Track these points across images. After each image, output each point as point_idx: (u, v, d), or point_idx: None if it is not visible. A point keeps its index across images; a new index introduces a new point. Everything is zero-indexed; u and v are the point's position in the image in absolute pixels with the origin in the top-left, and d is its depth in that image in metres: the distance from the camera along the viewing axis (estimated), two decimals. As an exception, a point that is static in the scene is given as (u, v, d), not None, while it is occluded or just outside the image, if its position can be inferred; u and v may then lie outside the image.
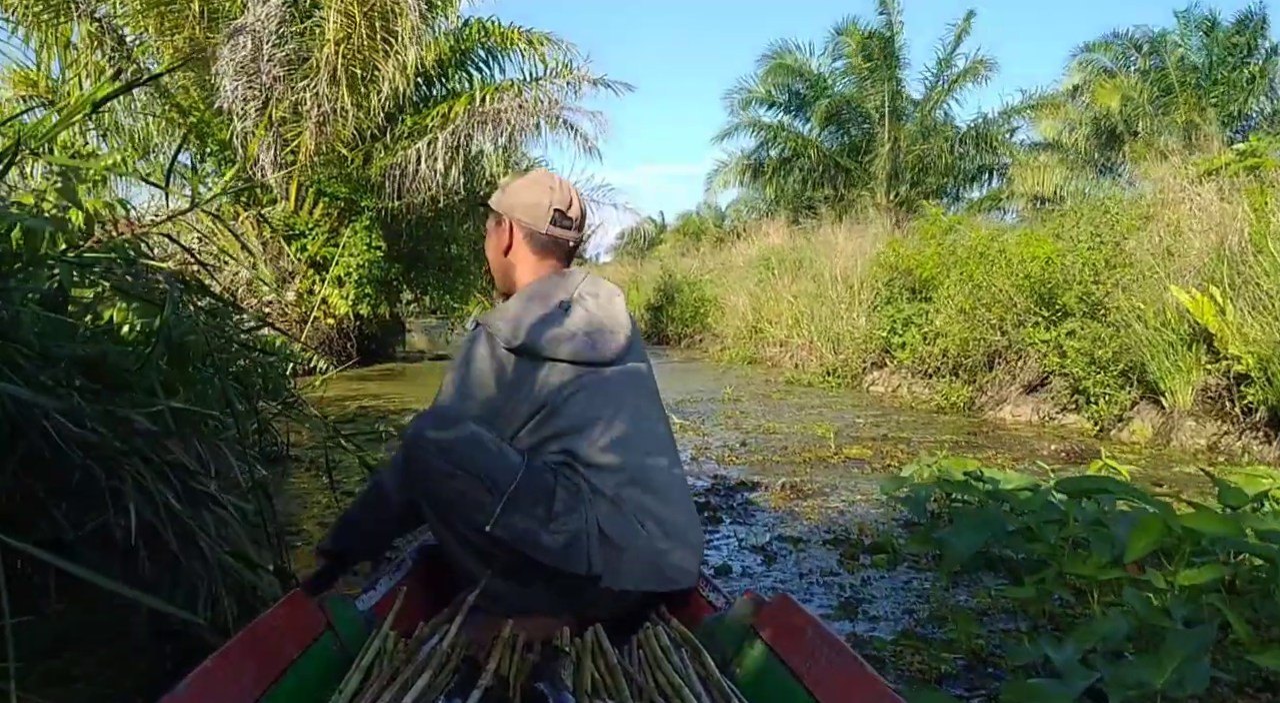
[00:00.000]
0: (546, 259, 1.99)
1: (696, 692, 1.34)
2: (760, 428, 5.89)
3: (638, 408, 1.88)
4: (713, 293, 14.33)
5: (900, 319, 7.90)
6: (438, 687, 1.34)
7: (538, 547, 1.70)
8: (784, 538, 3.10)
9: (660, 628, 1.60)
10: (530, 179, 2.06)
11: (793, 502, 3.67)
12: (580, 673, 1.41)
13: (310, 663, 1.45)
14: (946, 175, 22.71)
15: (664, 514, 1.80)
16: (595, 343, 1.85)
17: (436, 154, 10.72)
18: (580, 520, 1.73)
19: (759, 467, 4.55)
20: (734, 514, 3.47)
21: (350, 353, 11.55)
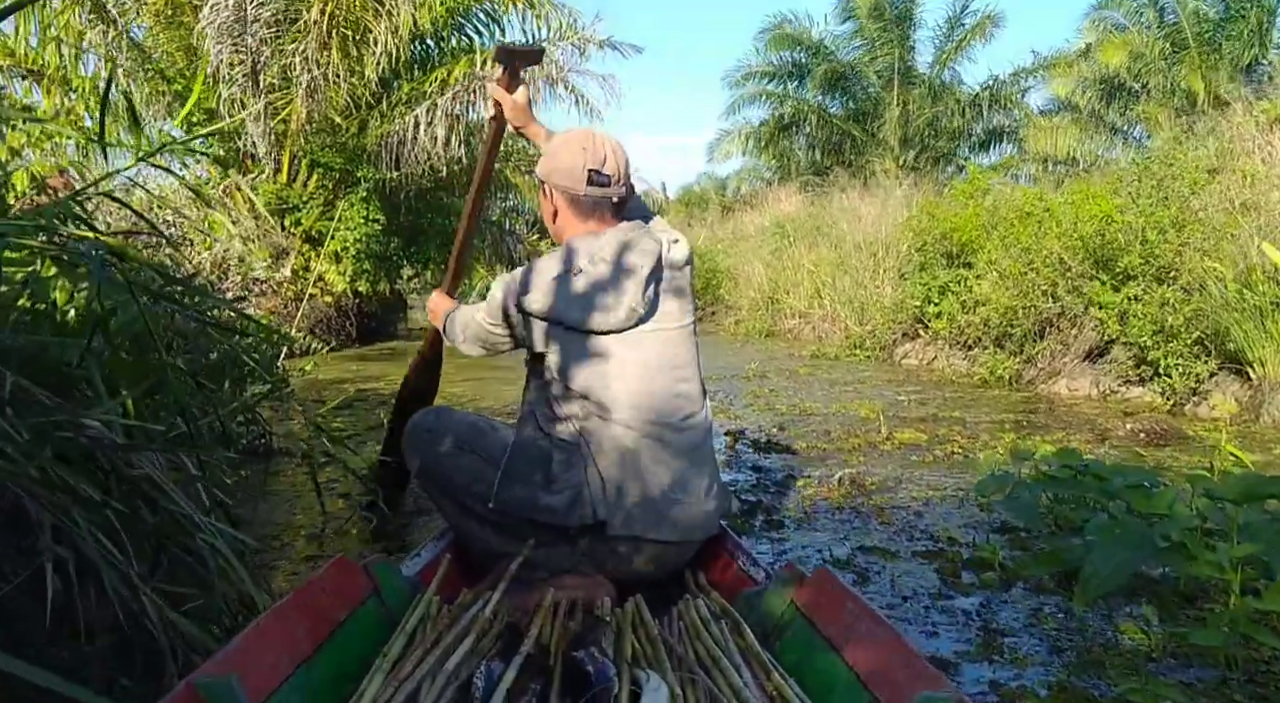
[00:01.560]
0: (590, 219, 2.00)
1: (736, 663, 1.34)
2: (795, 408, 5.39)
3: (653, 369, 1.90)
4: (725, 264, 13.77)
5: (936, 287, 7.37)
6: (480, 652, 1.35)
7: (541, 509, 1.80)
8: (867, 549, 2.60)
9: (700, 600, 1.62)
10: (562, 141, 2.05)
11: (857, 499, 3.17)
12: (620, 642, 1.41)
13: (357, 625, 1.48)
14: (956, 139, 22.19)
15: (678, 466, 1.86)
16: (595, 313, 1.87)
17: (435, 121, 10.13)
18: (579, 475, 1.81)
19: (805, 455, 4.05)
20: (795, 518, 2.97)
21: (349, 332, 11.04)
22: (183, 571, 1.84)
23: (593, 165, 1.96)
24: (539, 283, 1.91)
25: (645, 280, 1.90)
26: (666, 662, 1.35)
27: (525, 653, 1.31)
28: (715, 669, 1.34)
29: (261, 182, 10.31)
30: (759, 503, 3.15)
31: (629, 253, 1.91)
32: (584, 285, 1.89)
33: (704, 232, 18.11)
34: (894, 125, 21.18)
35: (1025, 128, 21.19)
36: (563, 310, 1.89)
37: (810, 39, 21.77)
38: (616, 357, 1.88)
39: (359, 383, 7.23)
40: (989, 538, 2.68)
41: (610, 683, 1.26)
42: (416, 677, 1.24)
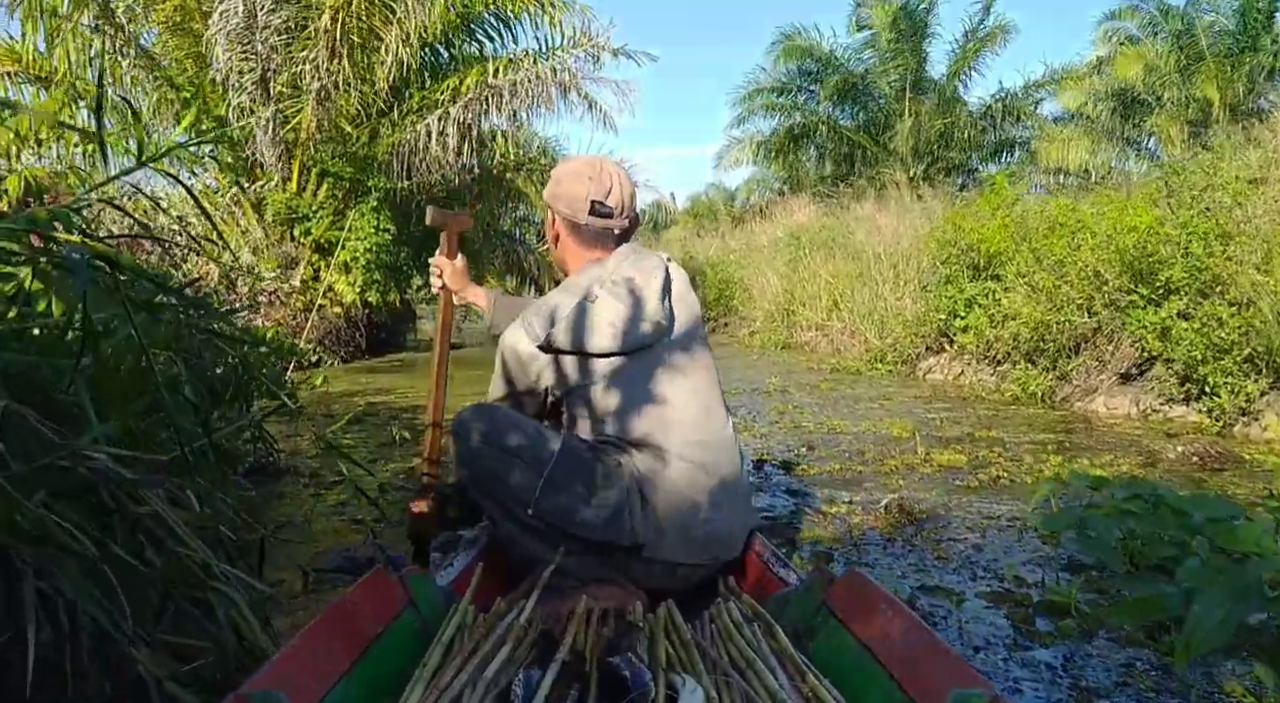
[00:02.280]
0: (592, 249, 2.01)
1: (770, 666, 1.34)
2: (823, 426, 5.18)
3: (681, 385, 1.89)
4: (738, 275, 13.57)
5: (962, 300, 7.15)
6: (516, 660, 1.36)
7: (580, 523, 1.78)
8: (929, 590, 2.39)
9: (732, 603, 1.61)
10: (569, 168, 2.04)
11: (907, 530, 2.96)
12: (654, 647, 1.42)
13: (394, 637, 1.49)
14: (968, 150, 22.02)
15: (711, 487, 1.85)
16: (621, 333, 1.86)
17: (447, 130, 9.96)
18: (622, 494, 1.79)
19: (840, 478, 3.84)
20: (844, 550, 2.76)
21: (359, 344, 10.87)
22: (189, 621, 1.65)
23: (596, 196, 1.97)
24: (558, 317, 1.89)
25: (660, 293, 1.93)
26: (701, 665, 1.36)
27: (561, 660, 1.32)
28: (750, 672, 1.33)
29: (270, 191, 10.13)
30: (801, 532, 2.94)
31: (637, 271, 1.94)
32: (604, 310, 1.88)
33: (715, 242, 17.93)
34: (905, 136, 21.02)
35: (1038, 139, 21.04)
36: (591, 338, 1.87)
37: (822, 51, 21.64)
38: (644, 378, 1.88)
39: (369, 395, 7.04)
40: (1058, 578, 2.47)
41: (647, 688, 1.26)
42: (456, 686, 1.25)
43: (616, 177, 2.02)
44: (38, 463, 1.57)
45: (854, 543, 2.83)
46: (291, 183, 10.45)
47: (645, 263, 1.97)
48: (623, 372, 1.88)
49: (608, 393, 1.88)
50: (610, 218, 1.99)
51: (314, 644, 1.33)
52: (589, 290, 1.92)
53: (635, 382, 1.87)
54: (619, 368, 1.88)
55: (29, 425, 1.69)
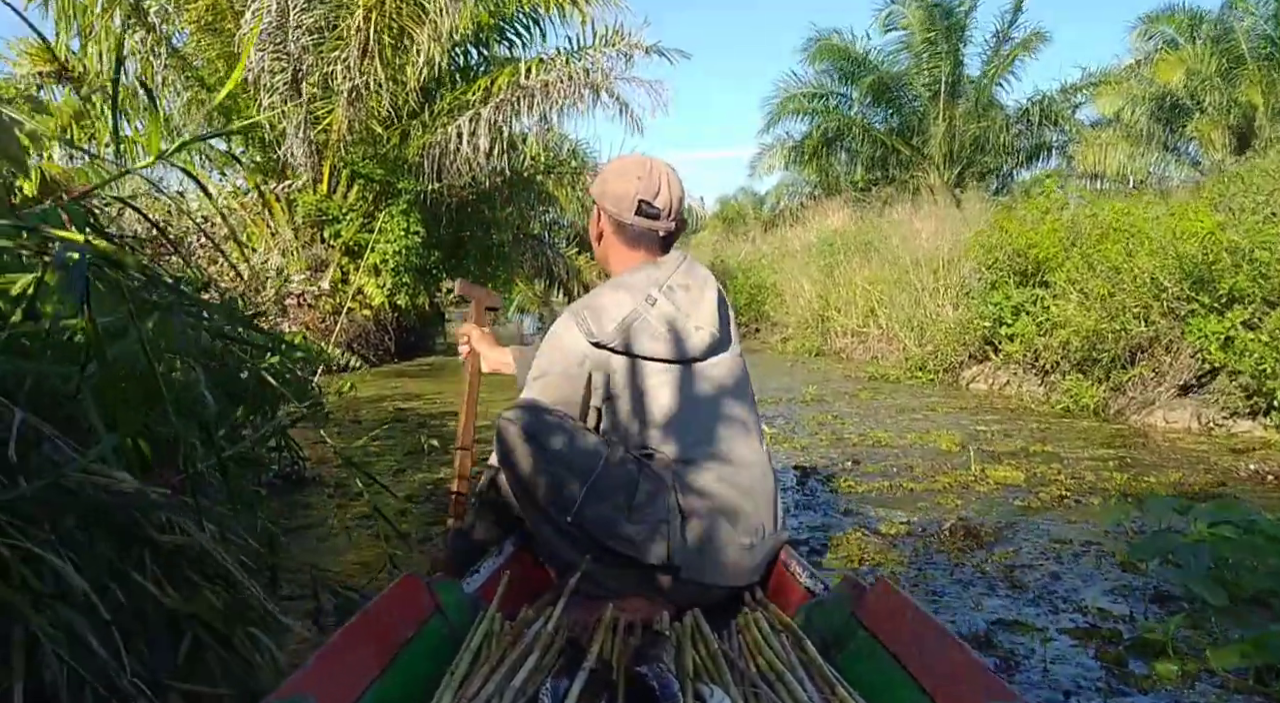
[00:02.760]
0: (636, 249, 1.97)
1: (799, 677, 1.32)
2: (866, 439, 4.96)
3: (724, 403, 1.87)
4: (771, 279, 13.35)
5: (1008, 307, 6.90)
6: (543, 668, 1.36)
7: (618, 536, 1.74)
8: (1007, 624, 2.18)
9: (759, 614, 1.61)
10: (619, 166, 2.01)
11: (975, 555, 2.75)
12: (681, 657, 1.41)
13: (422, 644, 1.49)
14: (1002, 155, 21.68)
15: (751, 509, 1.82)
16: (677, 341, 1.84)
17: (478, 132, 9.83)
18: (662, 511, 1.75)
19: (891, 496, 3.63)
20: (909, 576, 2.56)
21: (388, 347, 10.76)
22: (209, 663, 1.48)
23: (644, 196, 1.93)
24: (616, 317, 1.84)
25: (716, 304, 1.91)
26: (729, 676, 1.35)
27: (589, 669, 1.30)
28: (778, 683, 1.32)
29: (300, 192, 10.05)
30: (861, 555, 2.74)
31: (692, 280, 1.92)
32: (662, 314, 1.85)
33: (746, 246, 17.71)
34: (940, 140, 20.73)
35: (1074, 144, 20.69)
36: (649, 343, 1.83)
37: (856, 52, 21.39)
38: (691, 389, 1.85)
39: (398, 401, 6.91)
40: (1147, 611, 2.25)
41: (675, 698, 1.24)
42: (485, 694, 1.25)
43: (666, 178, 1.97)
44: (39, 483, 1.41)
45: (918, 568, 2.63)
46: (322, 185, 10.37)
47: (698, 273, 1.96)
48: (669, 381, 1.84)
49: (651, 403, 1.83)
50: (656, 219, 1.95)
51: (344, 650, 1.33)
52: (647, 292, 1.87)
53: (680, 394, 1.84)
54: (665, 378, 1.84)
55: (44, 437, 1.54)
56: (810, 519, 3.26)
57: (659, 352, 1.84)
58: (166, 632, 1.42)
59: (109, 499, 1.49)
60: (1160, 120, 19.40)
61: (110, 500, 1.49)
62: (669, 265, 1.94)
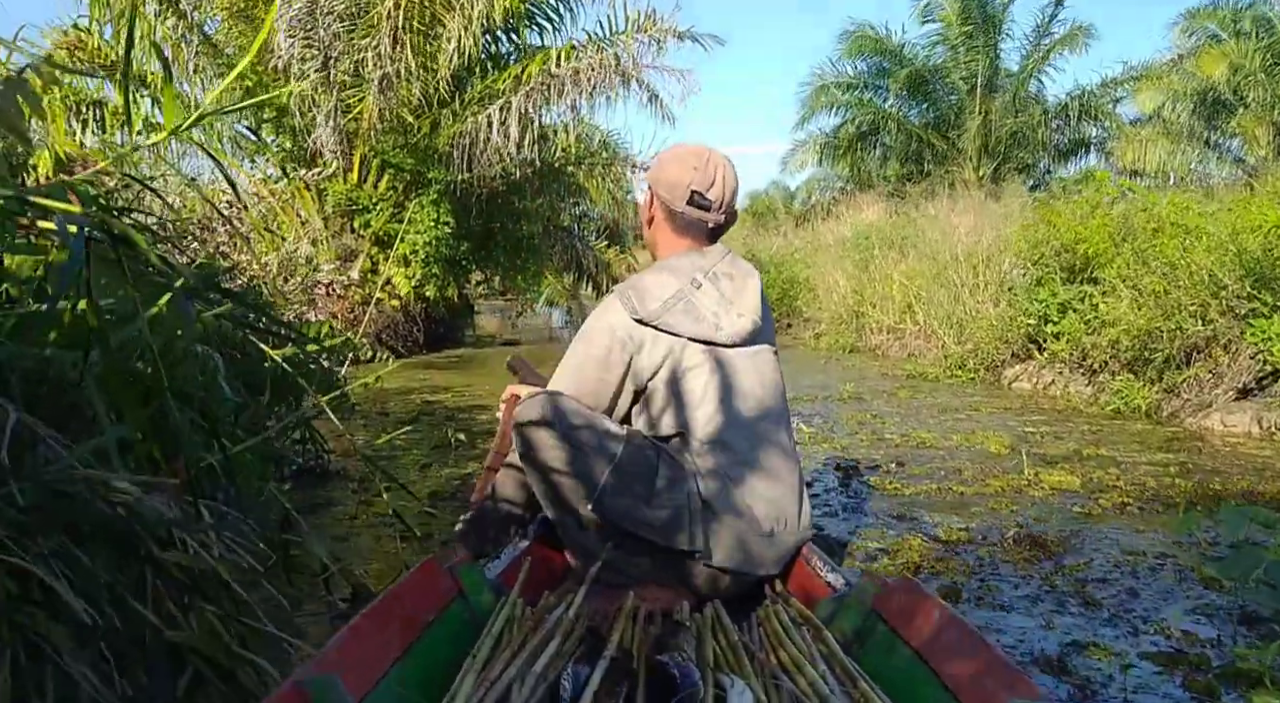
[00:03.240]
0: (684, 237, 1.98)
1: (820, 671, 1.31)
2: (909, 439, 4.77)
3: (758, 393, 1.88)
4: (804, 274, 13.12)
5: (1054, 304, 6.66)
6: (564, 654, 1.35)
7: (640, 522, 1.76)
8: (1081, 646, 2.01)
9: (780, 606, 1.60)
10: (676, 153, 2.01)
11: (1041, 565, 2.57)
12: (701, 647, 1.41)
13: (444, 627, 1.52)
14: (1039, 150, 21.28)
15: (775, 497, 1.83)
16: (721, 325, 1.86)
17: (508, 121, 9.66)
18: (682, 497, 1.77)
19: (942, 501, 3.45)
20: (973, 589, 2.38)
21: (417, 339, 10.66)
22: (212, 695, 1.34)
23: (698, 187, 1.93)
24: (660, 296, 1.86)
25: (758, 296, 1.94)
26: (749, 667, 1.34)
27: (610, 656, 1.30)
28: (799, 675, 1.32)
29: (330, 181, 9.97)
30: (920, 564, 2.57)
31: (735, 269, 1.95)
32: (706, 298, 1.88)
33: (778, 240, 17.47)
34: (974, 134, 20.38)
35: (1114, 140, 20.27)
36: (691, 323, 1.85)
37: (891, 45, 21.08)
38: (726, 377, 1.86)
39: (426, 393, 6.79)
40: (1235, 635, 2.06)
41: (696, 687, 1.24)
42: (506, 679, 1.25)
43: (722, 170, 1.96)
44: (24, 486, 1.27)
45: (981, 579, 2.45)
46: (353, 174, 10.28)
47: (741, 264, 1.99)
48: (706, 365, 1.86)
49: (686, 385, 1.85)
50: (707, 211, 1.94)
51: (367, 632, 1.33)
52: (693, 276, 1.89)
53: (715, 378, 1.85)
54: (703, 359, 1.86)
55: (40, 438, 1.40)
56: (861, 523, 3.09)
57: (701, 333, 1.85)
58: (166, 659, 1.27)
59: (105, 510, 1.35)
60: (1202, 116, 18.96)
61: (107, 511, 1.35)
62: (714, 255, 1.96)
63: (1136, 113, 20.78)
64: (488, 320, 17.79)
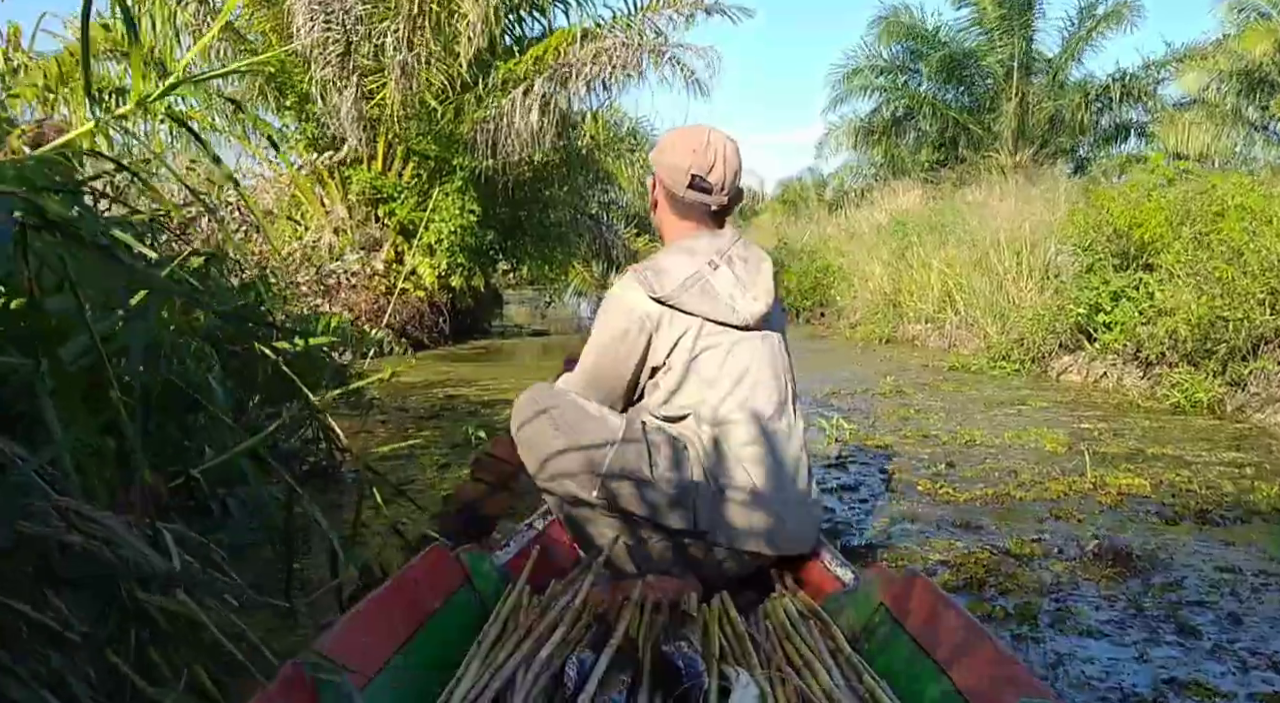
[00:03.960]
0: (686, 220, 1.99)
1: (826, 664, 1.31)
2: (957, 437, 4.48)
3: (768, 375, 1.90)
4: (838, 263, 12.79)
5: (1107, 292, 6.32)
6: (570, 642, 1.35)
7: (645, 504, 1.78)
8: (1180, 684, 1.73)
9: (787, 599, 1.60)
10: (677, 136, 2.01)
11: (1126, 585, 2.29)
12: (708, 639, 1.40)
13: (450, 613, 1.52)
14: (1079, 134, 20.73)
15: (783, 479, 1.84)
16: (737, 307, 1.87)
17: (532, 105, 9.38)
18: (687, 477, 1.79)
19: (1000, 506, 3.17)
20: (1049, 610, 2.11)
21: (442, 330, 10.47)
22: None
23: (697, 170, 1.92)
24: (678, 277, 1.86)
25: (772, 280, 1.94)
26: (754, 659, 1.34)
27: (615, 645, 1.30)
28: (804, 669, 1.31)
29: (353, 168, 9.78)
30: (986, 580, 2.31)
31: (749, 253, 1.96)
32: (722, 280, 1.88)
33: (810, 227, 17.13)
34: (1010, 118, 19.88)
35: (1155, 123, 19.69)
36: (708, 303, 1.86)
37: (924, 29, 20.62)
38: (739, 359, 1.87)
39: (449, 387, 6.58)
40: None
41: (701, 678, 1.23)
42: (510, 665, 1.25)
43: (722, 151, 1.94)
44: None
45: (1059, 599, 2.18)
46: (377, 161, 10.09)
47: (754, 249, 2.00)
48: (720, 345, 1.86)
49: (699, 365, 1.86)
50: (708, 194, 1.94)
51: (372, 617, 1.33)
52: (710, 258, 1.90)
53: (728, 359, 1.86)
54: (717, 340, 1.86)
55: None
56: (913, 532, 2.83)
57: (717, 314, 1.86)
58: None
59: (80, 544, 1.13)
60: (1248, 97, 18.38)
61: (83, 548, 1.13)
62: (727, 238, 1.97)
63: (1180, 95, 20.23)
64: (516, 310, 17.60)
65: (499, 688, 1.20)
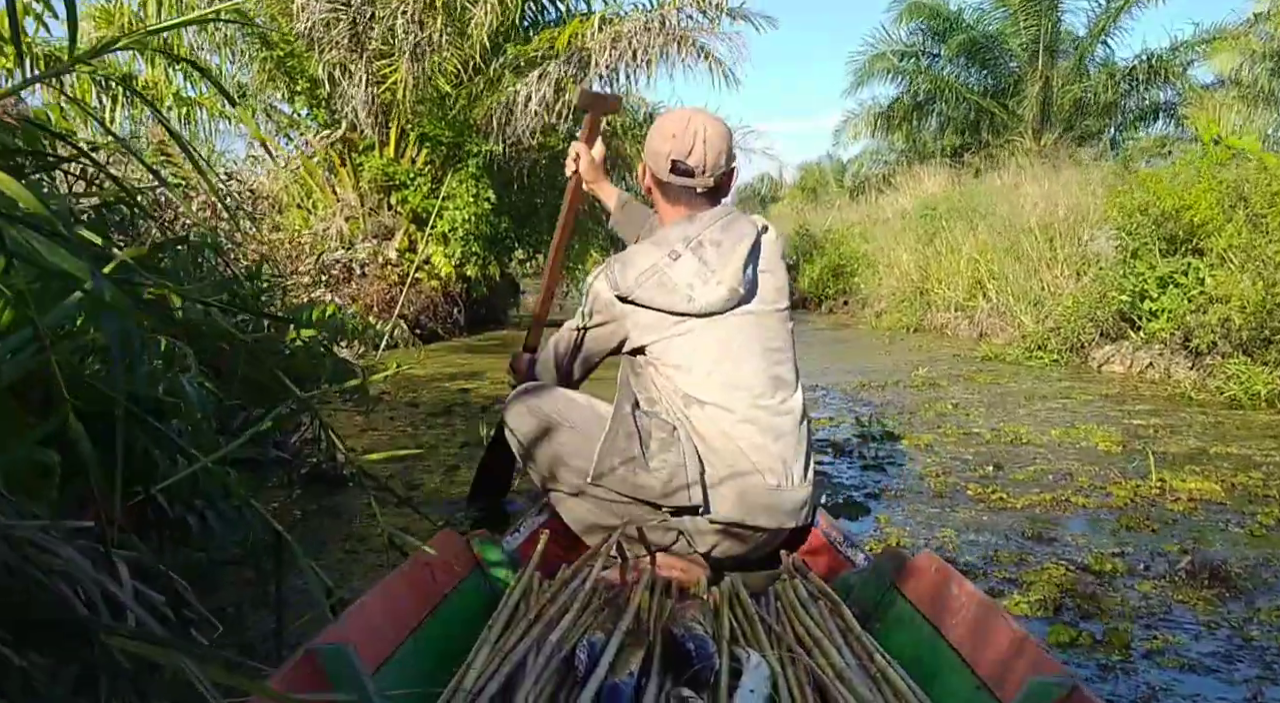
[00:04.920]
0: (678, 205, 2.00)
1: (837, 644, 1.31)
2: (1001, 435, 4.19)
3: (753, 350, 1.89)
4: (862, 249, 12.44)
5: (1153, 278, 5.99)
6: (580, 627, 1.35)
7: (639, 487, 1.80)
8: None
9: (798, 580, 1.60)
10: (660, 123, 2.04)
11: (1227, 610, 2.01)
12: (718, 621, 1.42)
13: (461, 598, 1.54)
14: (1105, 117, 20.24)
15: (778, 452, 1.84)
16: (694, 296, 1.86)
17: (546, 88, 9.07)
18: (679, 457, 1.80)
19: (1060, 515, 2.89)
20: (1141, 638, 1.84)
21: (457, 320, 10.22)
22: None
23: (676, 155, 1.94)
24: (637, 270, 1.90)
25: (745, 260, 1.90)
26: (765, 640, 1.35)
27: (625, 628, 1.31)
28: (815, 649, 1.31)
29: (365, 155, 9.53)
30: (1063, 601, 2.03)
31: (725, 235, 1.92)
32: (683, 269, 1.88)
33: (831, 214, 16.78)
34: (1033, 101, 19.44)
35: (1185, 105, 19.20)
36: (664, 296, 1.87)
37: (946, 9, 20.19)
38: (717, 340, 1.88)
39: (462, 380, 6.33)
40: None
41: (711, 660, 1.23)
42: (521, 649, 1.25)
43: (702, 134, 1.93)
44: None
45: (1149, 624, 1.92)
46: (389, 147, 9.84)
47: (736, 227, 1.95)
48: (696, 332, 1.87)
49: (678, 352, 1.87)
50: (691, 176, 1.94)
51: (384, 601, 1.35)
52: (674, 248, 1.91)
53: (707, 344, 1.87)
54: (693, 328, 1.87)
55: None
56: (972, 543, 2.55)
57: (673, 306, 1.86)
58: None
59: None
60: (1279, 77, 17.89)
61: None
62: (704, 221, 1.94)
63: (1210, 77, 19.73)
64: (533, 299, 17.33)
65: (509, 672, 1.21)
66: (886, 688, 1.21)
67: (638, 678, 1.22)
